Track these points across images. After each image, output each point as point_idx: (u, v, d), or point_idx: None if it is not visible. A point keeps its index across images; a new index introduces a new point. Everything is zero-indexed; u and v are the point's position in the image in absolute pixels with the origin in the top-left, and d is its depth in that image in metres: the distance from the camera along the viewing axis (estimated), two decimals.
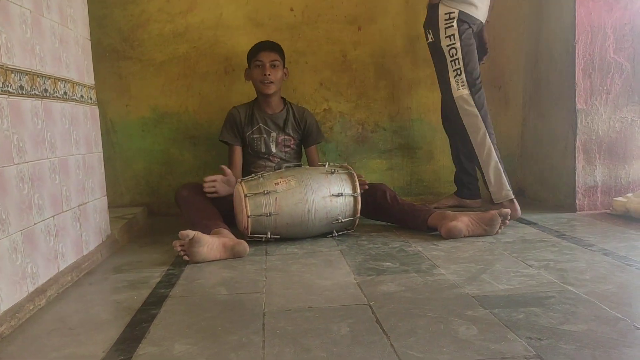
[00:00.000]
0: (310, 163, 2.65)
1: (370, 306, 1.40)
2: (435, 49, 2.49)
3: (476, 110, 2.43)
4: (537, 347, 1.12)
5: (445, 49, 2.45)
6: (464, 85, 2.44)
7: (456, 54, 2.45)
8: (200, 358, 1.14)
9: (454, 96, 2.45)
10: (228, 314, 1.39)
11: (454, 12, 2.43)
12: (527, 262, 1.75)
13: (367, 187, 2.33)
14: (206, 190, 2.27)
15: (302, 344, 1.18)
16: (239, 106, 2.63)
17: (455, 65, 2.44)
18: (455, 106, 2.45)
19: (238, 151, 2.59)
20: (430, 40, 2.50)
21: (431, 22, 2.47)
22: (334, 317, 1.34)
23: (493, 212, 2.14)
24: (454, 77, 2.45)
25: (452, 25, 2.43)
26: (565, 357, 1.08)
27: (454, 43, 2.44)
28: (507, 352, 1.11)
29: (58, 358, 1.18)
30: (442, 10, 2.43)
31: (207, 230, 2.00)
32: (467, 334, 1.20)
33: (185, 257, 1.89)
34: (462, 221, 2.11)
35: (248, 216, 2.08)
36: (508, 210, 2.14)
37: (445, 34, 2.44)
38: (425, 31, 2.53)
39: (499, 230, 2.15)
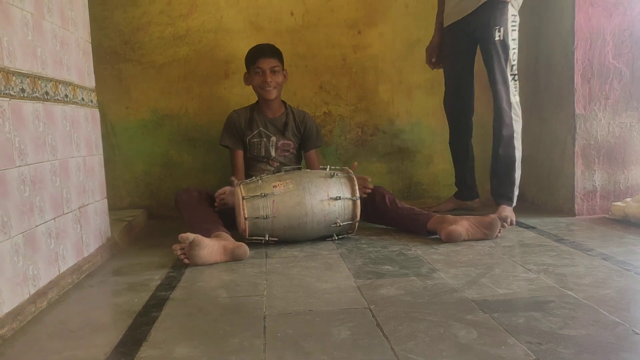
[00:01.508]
0: (310, 168, 2.63)
1: (371, 310, 1.41)
2: (502, 47, 2.37)
3: (520, 118, 2.44)
4: (537, 352, 1.13)
5: (511, 51, 2.38)
6: (516, 90, 2.41)
7: (515, 60, 2.39)
8: None
9: (512, 101, 2.40)
10: (229, 317, 1.40)
11: (517, 17, 2.38)
12: (526, 266, 1.76)
13: (370, 190, 2.33)
14: (217, 205, 2.28)
15: (303, 348, 1.19)
16: (238, 110, 2.63)
17: (513, 70, 2.40)
18: (511, 111, 2.40)
19: (240, 155, 2.59)
20: (498, 38, 2.35)
21: (502, 20, 2.35)
22: (335, 320, 1.34)
23: (492, 215, 2.16)
24: (512, 80, 2.39)
25: (516, 30, 2.38)
26: None
27: (515, 48, 2.38)
28: (507, 356, 1.11)
29: None
30: (511, 11, 2.36)
31: (207, 234, 2.00)
32: (467, 338, 1.21)
33: (186, 260, 1.89)
34: (462, 225, 2.12)
35: (245, 218, 2.09)
36: (507, 214, 2.15)
37: (512, 36, 2.37)
38: (491, 29, 2.36)
39: (498, 234, 2.16)
